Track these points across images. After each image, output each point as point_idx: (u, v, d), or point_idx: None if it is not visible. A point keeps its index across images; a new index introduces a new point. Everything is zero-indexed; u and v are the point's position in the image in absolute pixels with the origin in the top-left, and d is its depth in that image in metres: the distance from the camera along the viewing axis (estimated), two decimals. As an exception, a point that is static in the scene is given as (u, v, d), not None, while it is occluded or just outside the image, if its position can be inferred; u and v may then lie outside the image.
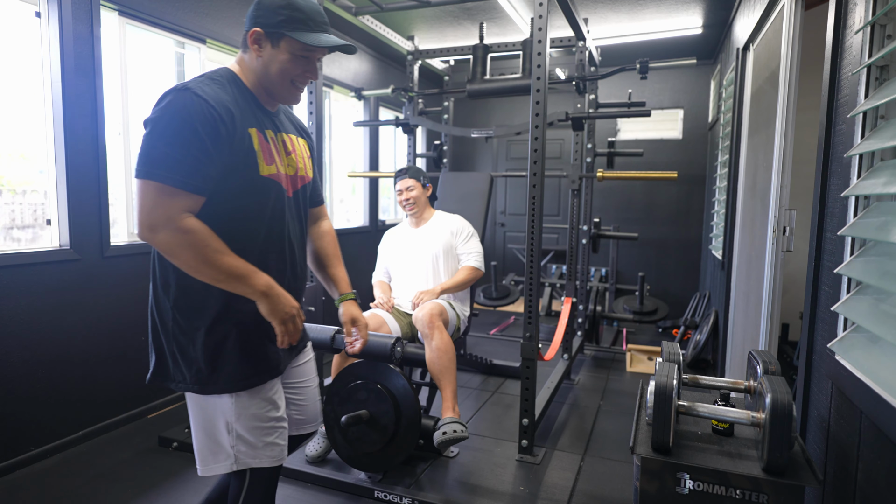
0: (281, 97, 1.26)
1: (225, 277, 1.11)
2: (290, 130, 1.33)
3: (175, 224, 1.05)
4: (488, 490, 2.20)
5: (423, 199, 2.70)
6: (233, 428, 1.23)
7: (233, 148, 1.12)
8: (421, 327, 2.31)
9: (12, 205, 2.42)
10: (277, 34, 1.17)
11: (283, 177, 1.24)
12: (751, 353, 1.60)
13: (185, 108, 1.08)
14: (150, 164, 1.05)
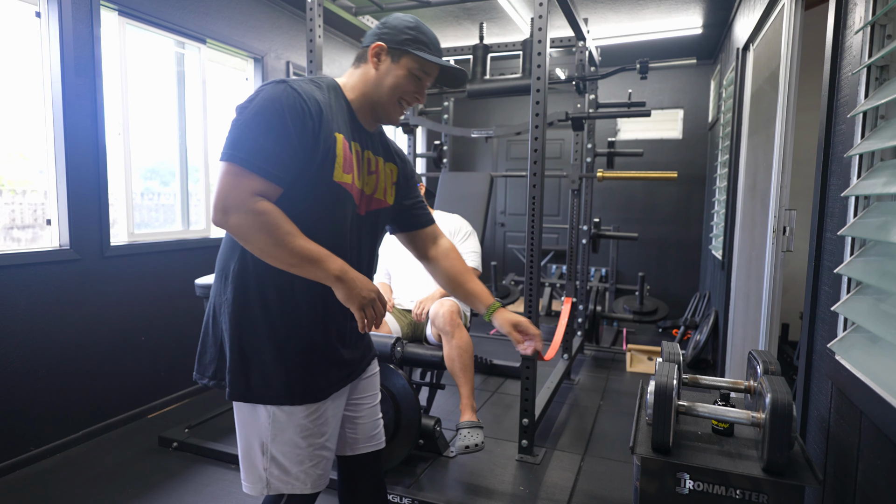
0: (385, 113, 1.26)
1: (298, 261, 1.08)
2: (378, 152, 1.32)
3: (248, 206, 1.04)
4: (488, 490, 2.20)
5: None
6: (267, 449, 1.19)
7: (316, 145, 1.11)
8: (441, 325, 2.30)
9: (12, 205, 2.42)
10: (400, 50, 1.21)
11: (356, 190, 1.22)
12: (751, 353, 1.60)
13: (277, 98, 1.09)
14: (232, 147, 1.06)
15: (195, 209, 3.33)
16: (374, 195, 1.29)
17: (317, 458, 1.22)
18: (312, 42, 2.68)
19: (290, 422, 1.17)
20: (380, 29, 1.23)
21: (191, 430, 2.63)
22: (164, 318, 2.96)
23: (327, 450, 1.25)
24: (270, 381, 1.15)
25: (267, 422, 1.17)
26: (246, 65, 3.65)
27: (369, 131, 1.29)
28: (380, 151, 1.33)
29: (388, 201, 1.35)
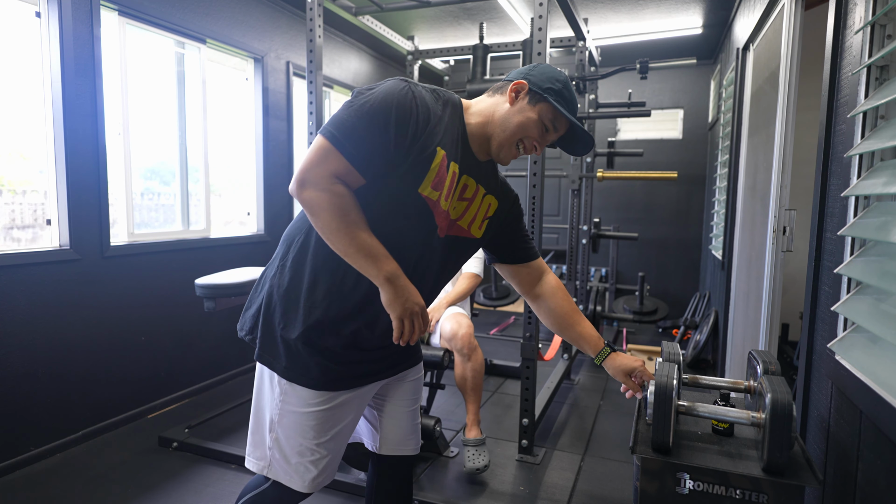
0: (498, 149, 1.24)
1: (355, 250, 1.08)
2: (481, 181, 1.28)
3: (325, 184, 1.06)
4: (488, 490, 2.20)
5: None
6: (274, 427, 1.20)
7: (410, 151, 1.10)
8: (460, 347, 2.31)
9: (12, 205, 2.42)
10: (540, 96, 1.20)
11: (441, 211, 1.18)
12: (751, 353, 1.60)
13: (391, 93, 1.09)
14: (333, 125, 1.07)
15: (195, 209, 3.33)
16: (459, 222, 1.26)
17: (319, 453, 1.21)
18: (312, 42, 2.68)
19: (298, 404, 1.18)
20: (531, 70, 1.24)
21: (191, 430, 2.63)
22: (164, 318, 2.96)
23: (331, 449, 1.22)
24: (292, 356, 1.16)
25: (279, 396, 1.18)
26: (246, 65, 3.65)
27: (479, 160, 1.26)
28: (483, 181, 1.28)
29: (472, 233, 1.30)
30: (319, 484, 1.24)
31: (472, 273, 2.62)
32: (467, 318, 2.41)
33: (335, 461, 1.26)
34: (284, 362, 1.17)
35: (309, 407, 1.18)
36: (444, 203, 1.18)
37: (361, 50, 4.85)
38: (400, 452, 1.39)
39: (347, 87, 4.63)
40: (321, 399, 1.19)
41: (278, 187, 3.84)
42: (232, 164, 3.64)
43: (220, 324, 3.36)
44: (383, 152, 1.09)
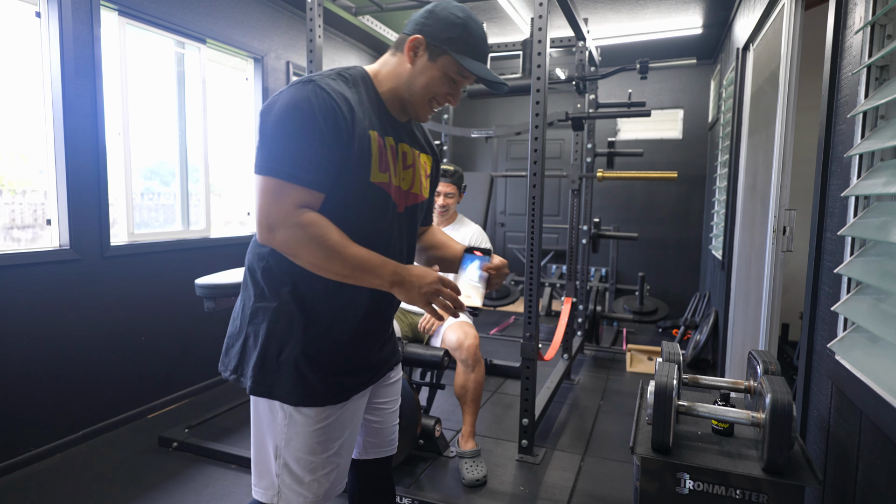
0: (413, 111, 1.19)
1: (350, 271, 1.03)
2: (414, 144, 1.25)
3: (293, 220, 0.99)
4: (488, 490, 2.20)
5: (455, 205, 2.64)
6: (281, 454, 1.13)
7: (350, 146, 1.05)
8: (465, 356, 2.31)
9: (12, 205, 2.42)
10: (439, 49, 1.12)
11: (394, 189, 1.16)
12: (751, 353, 1.60)
13: (307, 100, 1.01)
14: (269, 159, 1.00)
15: (195, 209, 3.33)
16: (412, 190, 1.23)
17: (330, 465, 1.17)
18: (312, 42, 2.68)
19: (306, 424, 1.12)
20: (424, 18, 1.14)
21: (191, 430, 2.63)
22: (164, 318, 2.96)
23: (341, 457, 1.20)
24: (292, 380, 1.11)
25: (283, 423, 1.12)
26: (246, 65, 3.65)
27: (401, 122, 1.22)
28: (415, 143, 1.26)
29: (423, 195, 1.28)
30: (335, 493, 1.20)
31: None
32: (473, 329, 2.40)
33: (347, 465, 1.23)
34: (287, 387, 1.11)
35: (317, 424, 1.13)
36: (395, 180, 1.16)
37: (361, 50, 4.85)
38: (385, 454, 1.38)
39: (347, 87, 4.63)
40: (327, 413, 1.15)
41: (278, 187, 3.84)
42: (232, 164, 3.64)
43: (220, 324, 3.35)
44: (329, 159, 1.03)
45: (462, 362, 2.32)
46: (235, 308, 1.20)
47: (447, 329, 2.40)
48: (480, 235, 2.64)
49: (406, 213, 1.22)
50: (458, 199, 2.62)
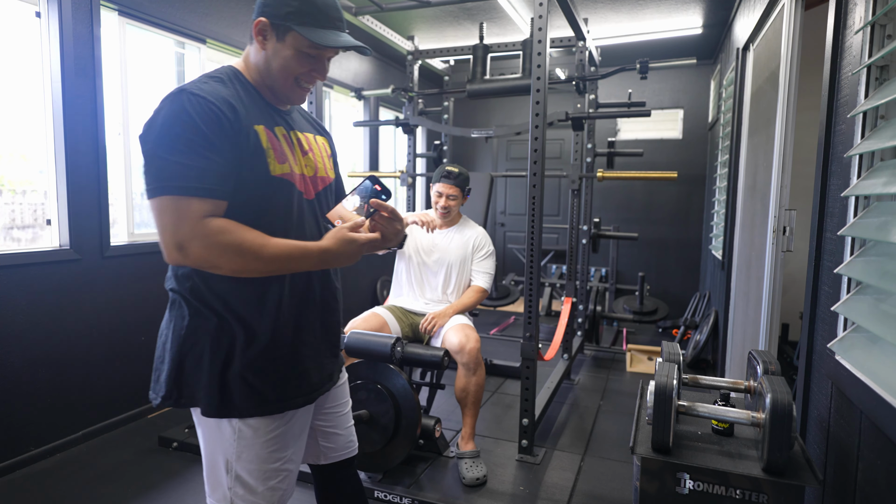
0: (284, 96, 1.15)
1: (276, 266, 1.03)
2: (305, 129, 1.23)
3: (202, 232, 0.96)
4: (488, 490, 2.20)
5: (458, 207, 2.62)
6: (232, 468, 1.12)
7: (239, 145, 1.02)
8: (466, 361, 2.31)
9: (12, 205, 2.42)
10: (284, 27, 1.07)
11: (298, 177, 1.14)
12: (751, 353, 1.60)
13: (183, 111, 0.98)
14: (162, 178, 0.96)
15: (195, 209, 3.33)
16: (318, 175, 1.21)
17: (283, 473, 1.17)
18: (312, 42, 2.68)
19: (256, 437, 1.11)
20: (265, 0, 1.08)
21: (191, 430, 2.63)
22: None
23: (293, 462, 1.20)
24: (234, 393, 1.08)
25: (232, 438, 1.10)
26: (246, 65, 3.65)
27: (285, 110, 1.19)
28: (307, 128, 1.25)
29: (330, 175, 1.27)
30: (288, 498, 1.21)
31: (479, 287, 2.59)
32: (475, 332, 2.40)
33: (297, 470, 1.23)
34: (238, 402, 1.09)
35: (268, 435, 1.12)
36: (296, 169, 1.14)
37: (361, 50, 4.85)
38: (344, 457, 1.38)
39: (347, 87, 4.63)
40: (277, 424, 1.14)
41: (278, 187, 3.84)
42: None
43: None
44: (222, 164, 1.00)
45: (463, 365, 2.32)
46: (162, 331, 1.15)
47: (448, 331, 2.40)
48: (484, 238, 2.64)
49: (318, 199, 1.20)
50: (461, 201, 2.60)
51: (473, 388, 2.33)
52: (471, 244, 2.60)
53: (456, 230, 2.63)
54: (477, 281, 2.60)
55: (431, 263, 2.61)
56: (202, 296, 1.08)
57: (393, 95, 3.84)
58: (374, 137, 5.17)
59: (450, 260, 2.57)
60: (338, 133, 4.80)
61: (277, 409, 1.12)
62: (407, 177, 3.97)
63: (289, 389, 1.14)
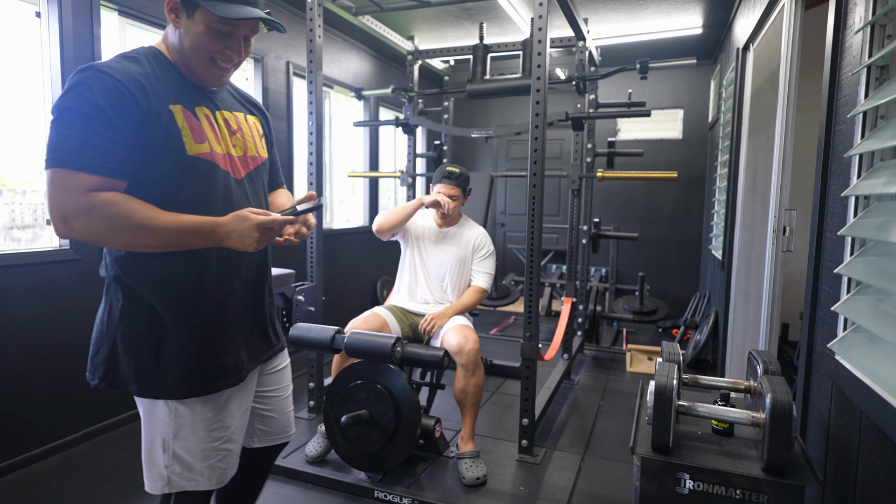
0: (201, 76, 1.13)
1: (167, 240, 1.02)
2: (234, 108, 1.23)
3: (86, 205, 0.96)
4: (488, 490, 2.20)
5: (458, 207, 2.61)
6: (169, 446, 1.14)
7: (149, 125, 1.02)
8: (465, 361, 2.31)
9: (12, 205, 2.42)
10: (192, 3, 1.06)
11: (222, 157, 1.14)
12: (751, 353, 1.60)
13: (87, 87, 0.98)
14: (55, 151, 0.97)
15: (195, 209, 3.33)
16: (248, 154, 1.22)
17: (222, 452, 1.19)
18: (312, 42, 2.68)
19: (192, 416, 1.14)
20: None
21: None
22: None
23: (233, 443, 1.21)
24: (167, 374, 1.11)
25: (167, 418, 1.13)
26: (246, 64, 3.65)
27: (213, 90, 1.19)
28: (237, 107, 1.25)
29: (262, 155, 1.29)
30: (227, 479, 1.23)
31: (479, 287, 2.59)
32: (474, 333, 2.40)
33: (238, 450, 1.25)
34: (170, 384, 1.11)
35: (204, 414, 1.15)
36: (219, 148, 1.14)
37: (361, 50, 4.85)
38: (276, 442, 1.40)
39: (347, 87, 4.64)
40: (211, 404, 1.16)
41: (278, 187, 3.84)
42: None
43: (220, 324, 3.35)
44: (122, 144, 1.00)
45: (462, 367, 2.32)
46: (98, 315, 1.17)
47: (447, 331, 2.39)
48: (484, 238, 2.64)
49: (248, 179, 1.21)
50: (462, 201, 2.60)
51: (472, 389, 2.33)
52: (471, 244, 2.60)
53: (456, 230, 2.63)
54: (477, 281, 2.60)
55: (432, 263, 2.61)
56: (133, 281, 1.10)
57: (393, 95, 3.84)
58: (374, 137, 5.17)
59: (450, 260, 2.57)
60: (338, 133, 4.80)
61: (207, 390, 1.14)
62: (407, 177, 3.97)
63: (217, 370, 1.16)
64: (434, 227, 2.63)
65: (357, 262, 4.90)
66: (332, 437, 2.23)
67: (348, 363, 2.32)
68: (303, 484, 2.25)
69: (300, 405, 3.03)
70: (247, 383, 1.25)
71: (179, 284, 1.11)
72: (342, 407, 2.17)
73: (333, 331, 2.24)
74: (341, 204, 4.99)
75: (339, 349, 2.24)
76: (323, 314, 2.86)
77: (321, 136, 2.78)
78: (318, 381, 2.88)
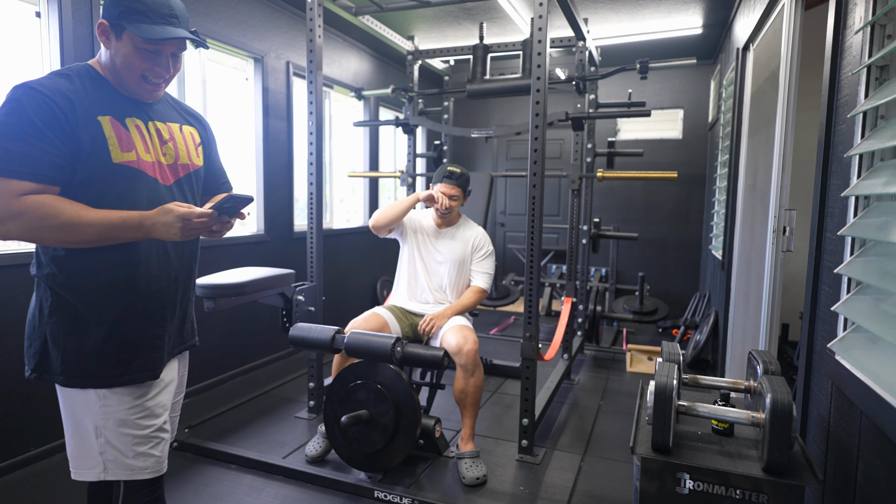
0: (134, 92, 1.24)
1: (97, 235, 1.12)
2: (170, 119, 1.33)
3: (17, 209, 1.06)
4: (488, 490, 2.20)
5: (458, 207, 2.61)
6: (101, 433, 1.22)
7: (76, 135, 1.12)
8: (464, 361, 2.30)
9: None
10: (119, 26, 1.17)
11: (150, 165, 1.23)
12: (751, 353, 1.60)
13: (19, 103, 1.08)
14: None
15: (195, 209, 3.33)
16: (179, 162, 1.32)
17: (154, 440, 1.26)
18: (312, 42, 2.68)
19: (120, 404, 1.21)
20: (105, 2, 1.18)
21: (191, 430, 2.64)
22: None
23: (165, 431, 1.28)
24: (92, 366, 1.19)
25: (97, 404, 1.20)
26: (246, 65, 3.65)
27: (148, 102, 1.28)
28: (173, 118, 1.35)
29: (196, 163, 1.38)
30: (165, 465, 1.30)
31: (479, 287, 2.59)
32: (473, 334, 2.39)
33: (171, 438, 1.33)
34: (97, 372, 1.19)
35: (132, 403, 1.22)
36: (146, 156, 1.23)
37: (361, 50, 4.85)
38: None
39: (347, 87, 4.64)
40: (140, 392, 1.23)
41: (278, 187, 3.85)
42: (232, 164, 3.64)
43: (220, 324, 3.35)
44: (53, 153, 1.09)
45: (461, 367, 2.32)
46: (30, 311, 1.25)
47: (447, 332, 2.39)
48: (483, 238, 2.64)
49: (177, 185, 1.31)
50: (462, 201, 2.59)
51: (472, 390, 2.33)
52: (470, 244, 2.60)
53: (456, 230, 2.63)
54: (476, 281, 2.60)
55: (431, 263, 2.61)
56: (59, 281, 1.18)
57: (393, 95, 3.84)
58: (374, 137, 5.17)
59: (449, 260, 2.57)
60: (338, 133, 4.80)
61: (131, 380, 1.22)
62: (407, 177, 3.97)
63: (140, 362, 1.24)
64: (433, 226, 2.63)
65: (357, 262, 4.90)
66: (332, 437, 2.23)
67: (348, 363, 2.32)
68: (303, 484, 2.25)
69: (300, 405, 3.03)
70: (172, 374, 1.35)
71: (110, 281, 1.19)
72: (342, 407, 2.17)
73: (333, 331, 2.24)
74: (341, 204, 4.99)
75: (339, 349, 2.24)
76: (323, 314, 2.86)
77: (321, 136, 2.78)
78: (318, 381, 2.88)
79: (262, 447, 2.51)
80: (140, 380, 1.23)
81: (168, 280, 1.29)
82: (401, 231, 2.65)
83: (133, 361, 1.22)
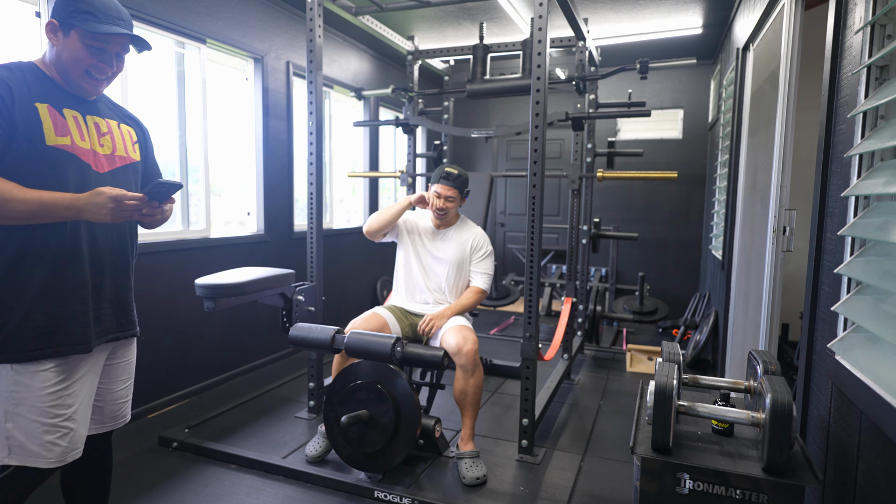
0: (77, 87, 1.31)
1: (29, 213, 1.18)
2: (108, 116, 1.42)
3: None
4: (488, 490, 2.20)
5: (455, 208, 2.60)
6: (10, 417, 1.24)
7: (13, 120, 1.20)
8: (464, 362, 2.30)
9: None
10: (68, 24, 1.26)
11: (84, 151, 1.31)
12: (751, 353, 1.60)
13: None
14: None
15: (195, 209, 3.33)
16: (116, 153, 1.40)
17: (62, 430, 1.27)
18: (312, 42, 2.68)
19: (33, 387, 1.23)
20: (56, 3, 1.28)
21: (191, 430, 2.64)
22: (163, 318, 2.96)
23: (74, 422, 1.30)
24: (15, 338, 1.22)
25: (10, 388, 1.22)
26: (246, 65, 3.65)
27: (89, 100, 1.36)
28: (110, 116, 1.43)
29: (133, 157, 1.46)
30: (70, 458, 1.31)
31: (478, 288, 2.59)
32: (473, 334, 2.39)
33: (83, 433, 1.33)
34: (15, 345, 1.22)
35: (46, 388, 1.24)
36: (83, 143, 1.31)
37: (361, 50, 4.85)
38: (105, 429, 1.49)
39: (347, 87, 4.64)
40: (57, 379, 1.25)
41: (278, 187, 3.85)
42: (232, 164, 3.64)
43: (220, 324, 3.36)
44: None
45: (461, 367, 2.32)
46: None
47: (446, 332, 2.39)
48: (482, 238, 2.64)
49: (112, 174, 1.38)
50: (459, 203, 2.58)
51: (472, 390, 2.32)
52: (469, 244, 2.59)
53: (454, 231, 2.62)
54: (476, 281, 2.60)
55: (430, 264, 2.61)
56: None
57: (393, 95, 3.84)
58: (374, 137, 5.17)
59: (448, 260, 2.57)
60: (338, 133, 4.80)
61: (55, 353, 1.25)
62: (407, 177, 3.97)
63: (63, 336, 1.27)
64: (431, 227, 2.63)
65: (357, 262, 4.90)
66: (332, 437, 2.23)
67: (348, 363, 2.32)
68: (303, 484, 2.25)
69: (300, 405, 3.03)
70: (93, 365, 1.35)
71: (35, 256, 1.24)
72: (342, 407, 2.17)
73: (333, 331, 2.24)
74: (341, 204, 4.99)
75: (339, 349, 2.24)
76: (323, 314, 2.86)
77: (321, 136, 2.78)
78: (318, 381, 2.88)
79: (262, 447, 2.51)
80: (63, 353, 1.26)
81: (93, 260, 1.34)
82: (396, 234, 2.65)
83: (55, 336, 1.25)
